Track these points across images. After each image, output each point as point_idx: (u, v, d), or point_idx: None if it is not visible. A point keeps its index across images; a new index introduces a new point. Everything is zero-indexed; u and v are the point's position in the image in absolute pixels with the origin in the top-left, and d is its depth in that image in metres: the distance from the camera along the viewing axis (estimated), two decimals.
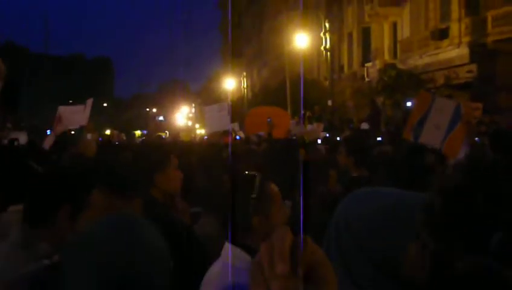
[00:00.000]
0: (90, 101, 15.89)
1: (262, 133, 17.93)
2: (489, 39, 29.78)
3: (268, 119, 18.76)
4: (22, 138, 13.86)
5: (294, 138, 15.41)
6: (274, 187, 3.22)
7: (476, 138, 8.77)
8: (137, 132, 57.06)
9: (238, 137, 18.74)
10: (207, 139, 18.31)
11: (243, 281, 3.02)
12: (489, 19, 29.66)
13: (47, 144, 11.36)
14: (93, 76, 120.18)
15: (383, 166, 6.55)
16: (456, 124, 7.65)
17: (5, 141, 11.59)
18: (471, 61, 30.66)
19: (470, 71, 30.78)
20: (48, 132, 18.23)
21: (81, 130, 14.42)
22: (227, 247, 3.04)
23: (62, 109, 15.94)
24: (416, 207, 2.02)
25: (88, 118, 16.03)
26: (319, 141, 14.07)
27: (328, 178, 6.73)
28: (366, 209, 2.11)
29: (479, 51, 30.21)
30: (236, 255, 2.96)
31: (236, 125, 28.79)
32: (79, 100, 16.16)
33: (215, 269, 3.03)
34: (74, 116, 15.30)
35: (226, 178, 3.87)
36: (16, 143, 12.26)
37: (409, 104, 29.54)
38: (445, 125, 7.63)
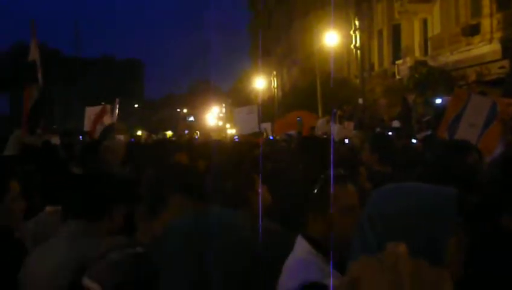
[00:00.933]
0: (116, 102, 16.11)
1: (292, 132, 17.98)
2: None
3: (298, 118, 18.81)
4: (54, 141, 14.01)
5: (325, 136, 15.43)
6: (341, 190, 3.21)
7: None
8: (168, 133, 57.33)
9: (271, 137, 18.83)
10: (239, 140, 18.46)
11: (313, 272, 3.09)
12: None
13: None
14: (124, 78, 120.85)
15: (411, 163, 6.54)
16: (492, 122, 7.62)
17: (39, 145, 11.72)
18: (504, 57, 30.34)
19: (502, 67, 30.47)
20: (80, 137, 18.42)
21: (106, 132, 14.54)
22: (300, 240, 3.15)
23: (89, 110, 16.21)
24: (442, 206, 1.99)
25: (116, 119, 16.22)
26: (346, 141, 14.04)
27: (358, 176, 6.74)
28: (389, 208, 2.03)
29: (511, 47, 29.89)
30: (306, 248, 3.08)
31: (268, 126, 28.87)
32: (111, 102, 16.40)
33: (291, 262, 3.13)
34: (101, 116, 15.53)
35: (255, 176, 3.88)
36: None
37: (438, 101, 29.34)
38: (481, 123, 7.61)
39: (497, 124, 7.61)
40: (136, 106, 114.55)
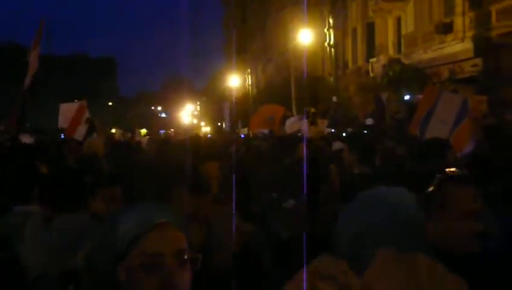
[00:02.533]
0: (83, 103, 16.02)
1: (266, 130, 18.00)
2: (494, 33, 29.71)
3: (270, 117, 18.86)
4: (25, 140, 13.85)
5: (300, 134, 15.42)
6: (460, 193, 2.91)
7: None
8: (143, 130, 56.99)
9: (242, 136, 18.87)
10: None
11: None
12: (493, 13, 29.60)
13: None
14: (97, 75, 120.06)
15: (390, 166, 6.53)
16: (463, 119, 7.66)
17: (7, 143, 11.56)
18: (476, 55, 30.58)
19: (474, 65, 30.71)
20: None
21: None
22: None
23: (64, 107, 16.08)
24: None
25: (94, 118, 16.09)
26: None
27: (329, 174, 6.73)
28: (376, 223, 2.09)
29: (483, 45, 30.13)
30: None
31: (239, 123, 28.85)
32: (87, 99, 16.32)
33: None
34: (70, 114, 15.43)
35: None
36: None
37: (407, 97, 29.58)
38: (452, 120, 7.64)
39: (468, 122, 7.66)
40: (110, 103, 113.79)
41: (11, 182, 5.16)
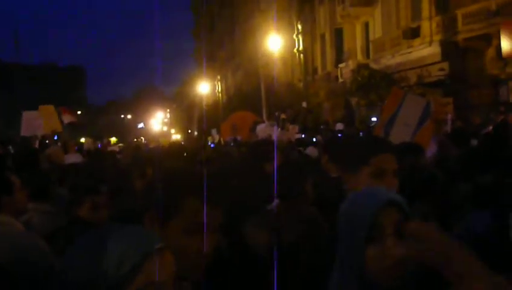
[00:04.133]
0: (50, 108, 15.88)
1: (239, 137, 18.03)
2: (460, 37, 30.05)
3: (233, 124, 19.08)
4: None
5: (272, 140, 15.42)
6: None
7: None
8: (113, 139, 56.62)
9: (212, 144, 19.03)
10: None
11: None
12: (460, 17, 29.93)
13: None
14: (66, 84, 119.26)
15: None
16: (425, 121, 7.73)
17: None
18: (443, 59, 30.91)
19: (441, 69, 31.02)
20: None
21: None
22: None
23: (26, 114, 15.90)
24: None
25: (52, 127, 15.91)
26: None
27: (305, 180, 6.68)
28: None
29: (450, 49, 30.47)
30: None
31: (214, 131, 28.81)
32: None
33: None
34: (33, 122, 15.28)
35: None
36: None
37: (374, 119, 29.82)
38: (415, 122, 7.70)
39: (430, 123, 7.74)
40: (79, 112, 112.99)
41: None
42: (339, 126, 24.76)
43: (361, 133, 17.37)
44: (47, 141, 14.84)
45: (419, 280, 2.04)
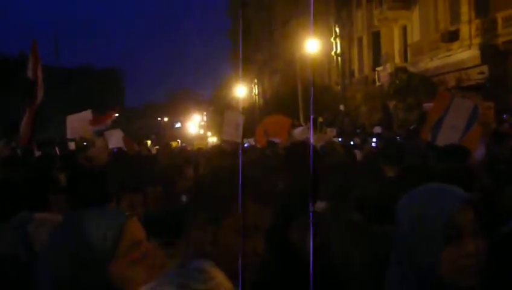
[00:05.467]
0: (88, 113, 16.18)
1: (278, 140, 18.10)
2: (500, 40, 29.80)
3: (265, 130, 19.13)
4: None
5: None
6: None
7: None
8: (149, 142, 56.86)
9: (246, 145, 19.04)
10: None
11: None
12: (499, 20, 29.69)
13: None
14: (103, 87, 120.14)
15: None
16: (473, 124, 7.73)
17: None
18: (482, 62, 30.65)
19: (481, 72, 30.76)
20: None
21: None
22: None
23: (71, 118, 16.19)
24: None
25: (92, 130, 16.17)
26: None
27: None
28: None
29: (489, 52, 30.21)
30: None
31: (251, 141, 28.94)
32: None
33: None
34: (78, 125, 15.54)
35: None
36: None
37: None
38: (463, 126, 7.71)
39: (478, 127, 7.72)
40: (117, 115, 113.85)
41: (29, 191, 5.26)
42: (377, 129, 24.67)
43: (398, 138, 17.30)
44: (85, 143, 15.08)
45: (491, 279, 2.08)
